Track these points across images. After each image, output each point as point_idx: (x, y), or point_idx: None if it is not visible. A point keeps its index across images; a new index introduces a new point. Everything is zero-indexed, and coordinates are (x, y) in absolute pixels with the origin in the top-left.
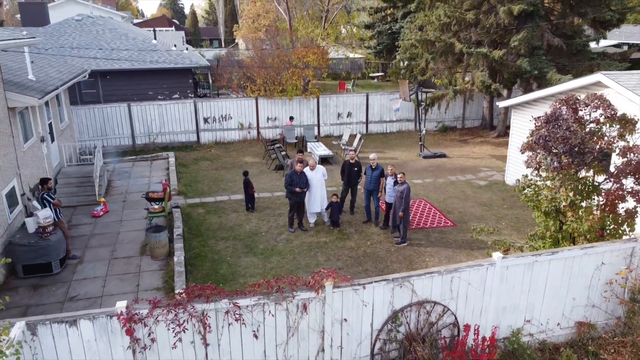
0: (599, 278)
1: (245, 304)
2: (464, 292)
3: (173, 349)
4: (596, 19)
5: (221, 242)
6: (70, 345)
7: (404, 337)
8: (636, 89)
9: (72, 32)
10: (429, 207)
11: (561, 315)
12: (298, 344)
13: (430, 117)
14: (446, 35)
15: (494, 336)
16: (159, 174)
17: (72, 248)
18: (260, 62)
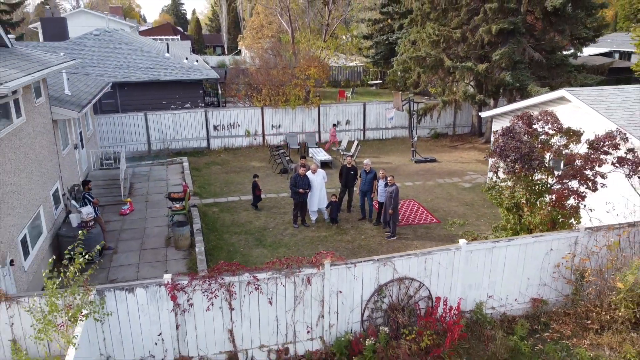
0: (549, 262)
1: (262, 277)
2: (436, 271)
3: (206, 312)
4: (573, 35)
5: (234, 236)
6: (128, 307)
7: (388, 306)
8: (593, 103)
9: (91, 46)
10: (417, 207)
11: (518, 292)
12: (303, 310)
13: (423, 125)
14: (436, 50)
15: (459, 306)
16: (175, 177)
17: (107, 241)
18: (265, 74)
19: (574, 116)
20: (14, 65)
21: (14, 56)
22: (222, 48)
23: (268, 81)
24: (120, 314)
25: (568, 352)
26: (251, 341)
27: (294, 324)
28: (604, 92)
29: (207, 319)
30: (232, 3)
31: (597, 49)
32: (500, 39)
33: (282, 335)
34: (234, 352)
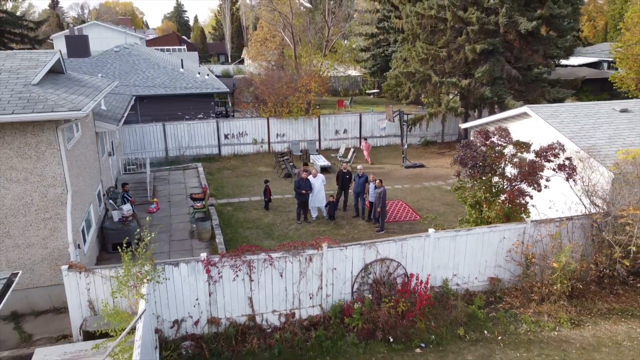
0: (503, 247)
1: (275, 255)
2: (411, 253)
3: (232, 282)
4: (547, 54)
5: (247, 231)
6: (174, 278)
7: (372, 281)
8: (548, 118)
9: (112, 62)
10: (404, 206)
11: (478, 272)
12: (306, 283)
13: (414, 133)
14: (424, 67)
15: (428, 281)
16: (191, 180)
17: None
18: (271, 88)
19: (535, 129)
20: (79, 92)
21: (71, 82)
22: (226, 56)
23: (273, 94)
24: (167, 283)
25: (515, 318)
26: (266, 307)
27: (299, 294)
28: (559, 108)
29: (232, 288)
30: (235, 13)
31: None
32: (482, 57)
33: (289, 303)
34: (253, 315)
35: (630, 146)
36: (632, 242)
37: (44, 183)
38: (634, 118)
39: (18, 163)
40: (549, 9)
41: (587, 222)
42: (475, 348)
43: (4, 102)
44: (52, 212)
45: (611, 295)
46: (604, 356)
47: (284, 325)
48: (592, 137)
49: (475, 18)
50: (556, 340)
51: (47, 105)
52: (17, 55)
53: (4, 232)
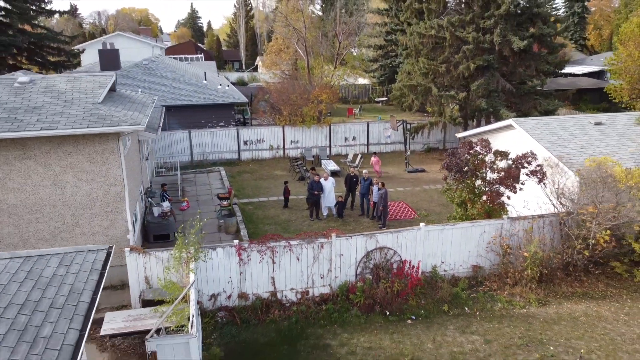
0: (483, 240)
1: (294, 243)
2: (405, 243)
3: (258, 264)
4: (538, 70)
5: (267, 226)
6: (212, 260)
7: (373, 265)
8: (530, 130)
9: (142, 74)
10: (404, 206)
11: (463, 260)
12: (318, 266)
13: (418, 140)
14: (426, 80)
15: (419, 266)
16: (215, 182)
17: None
18: (286, 99)
19: (519, 139)
20: (132, 108)
21: (124, 99)
22: (240, 63)
23: (288, 104)
24: (207, 264)
25: (492, 298)
26: (285, 285)
27: (312, 275)
28: (541, 121)
29: (258, 269)
30: (249, 21)
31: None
32: (478, 72)
33: (304, 282)
34: (274, 292)
35: (599, 155)
36: (591, 236)
37: (107, 183)
38: (606, 130)
39: (87, 166)
40: (540, 28)
41: (556, 220)
42: (456, 320)
43: (80, 118)
44: (113, 207)
45: (575, 281)
46: (562, 328)
47: (300, 300)
48: (567, 146)
49: (472, 38)
50: (524, 316)
51: (113, 121)
52: (82, 78)
53: (74, 222)
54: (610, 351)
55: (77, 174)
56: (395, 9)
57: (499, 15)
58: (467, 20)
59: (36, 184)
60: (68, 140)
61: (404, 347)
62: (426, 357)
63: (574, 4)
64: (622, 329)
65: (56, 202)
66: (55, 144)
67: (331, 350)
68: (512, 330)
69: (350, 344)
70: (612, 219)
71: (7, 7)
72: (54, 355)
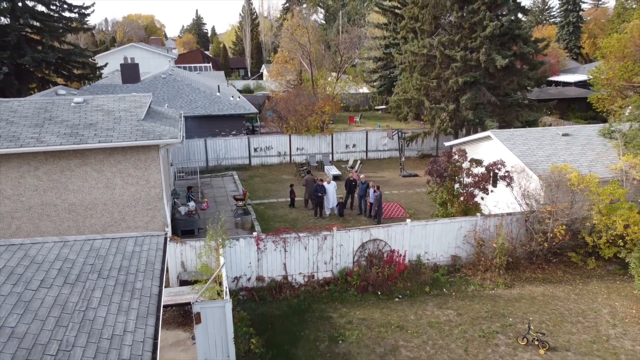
0: (460, 234)
1: (302, 235)
2: (394, 236)
3: (273, 252)
4: (519, 84)
5: (277, 223)
6: (235, 248)
7: (367, 254)
8: (504, 141)
9: (161, 87)
10: (398, 207)
11: (443, 251)
12: (322, 254)
13: (413, 147)
14: (419, 94)
15: (405, 255)
16: (230, 185)
17: (200, 224)
18: (293, 110)
19: (497, 148)
20: (168, 123)
21: (159, 115)
22: (245, 70)
23: (294, 115)
24: (231, 251)
25: (466, 282)
26: (294, 270)
27: (317, 262)
28: (515, 133)
29: (273, 257)
30: (254, 29)
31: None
32: (466, 87)
33: (310, 268)
34: (286, 275)
35: (562, 162)
36: (549, 230)
37: (148, 185)
38: (572, 141)
39: (133, 172)
40: (520, 47)
41: (521, 217)
42: (435, 299)
43: (128, 133)
44: (152, 205)
45: (537, 269)
46: (521, 304)
47: (307, 282)
48: (535, 155)
49: (460, 56)
50: (492, 296)
51: (156, 135)
52: (126, 99)
53: (121, 218)
54: (558, 322)
55: (124, 178)
56: (393, 23)
57: (484, 36)
58: (456, 40)
59: (91, 186)
60: (118, 151)
61: (391, 318)
62: (408, 326)
63: (569, 13)
64: (570, 305)
65: (107, 201)
66: (108, 154)
67: (332, 320)
68: (480, 306)
69: (348, 316)
70: (567, 216)
71: (39, 26)
72: (147, 299)
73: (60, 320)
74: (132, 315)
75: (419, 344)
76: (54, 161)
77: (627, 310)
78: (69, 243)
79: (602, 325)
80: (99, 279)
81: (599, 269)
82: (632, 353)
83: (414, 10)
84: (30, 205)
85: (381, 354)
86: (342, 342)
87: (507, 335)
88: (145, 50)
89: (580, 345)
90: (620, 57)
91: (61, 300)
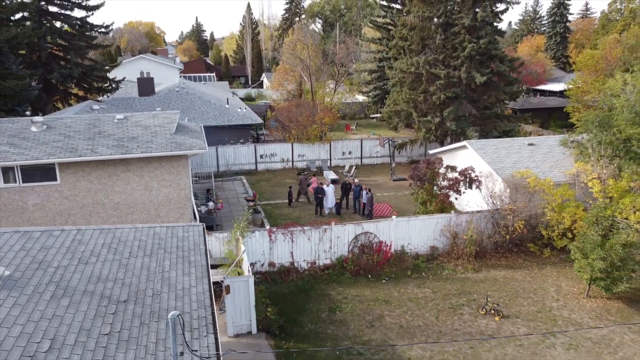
0: (438, 228)
1: (306, 228)
2: (382, 229)
3: (282, 242)
4: (497, 98)
5: (283, 220)
6: (252, 239)
7: (360, 245)
8: (477, 150)
9: (175, 99)
10: (387, 207)
11: (423, 242)
12: (322, 244)
13: (403, 154)
14: (408, 107)
15: (391, 245)
16: (239, 188)
17: (218, 221)
18: (294, 119)
19: (472, 156)
20: (193, 136)
21: (185, 128)
22: (246, 78)
23: (296, 125)
24: (248, 242)
25: (442, 267)
26: (300, 257)
27: (318, 251)
28: (488, 142)
29: (282, 246)
30: (255, 38)
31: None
32: (449, 101)
33: (313, 255)
34: (292, 262)
35: (526, 168)
36: (510, 225)
37: (179, 188)
38: (536, 149)
39: (167, 177)
40: (497, 66)
41: (488, 214)
42: (415, 281)
43: (164, 145)
44: (182, 204)
45: (502, 257)
46: (485, 285)
47: (310, 268)
48: (503, 162)
49: (443, 74)
50: (462, 278)
51: (186, 146)
52: (159, 115)
53: (156, 215)
54: (513, 297)
55: (160, 182)
56: (386, 38)
57: (464, 56)
58: (440, 59)
59: (133, 188)
60: (155, 159)
61: (379, 295)
62: (392, 300)
63: (557, 24)
64: (525, 285)
65: (145, 201)
66: (147, 162)
67: (331, 297)
68: (451, 286)
69: (343, 293)
70: (525, 213)
71: (65, 44)
72: (200, 268)
73: (149, 277)
74: (192, 277)
75: (400, 313)
76: (103, 168)
77: (569, 289)
78: (139, 229)
79: (547, 299)
80: (165, 253)
81: (552, 257)
82: (567, 319)
83: (403, 31)
84: (84, 204)
85: (370, 321)
86: (339, 312)
87: (471, 307)
88: (154, 62)
89: (528, 314)
90: (592, 71)
91: (146, 265)
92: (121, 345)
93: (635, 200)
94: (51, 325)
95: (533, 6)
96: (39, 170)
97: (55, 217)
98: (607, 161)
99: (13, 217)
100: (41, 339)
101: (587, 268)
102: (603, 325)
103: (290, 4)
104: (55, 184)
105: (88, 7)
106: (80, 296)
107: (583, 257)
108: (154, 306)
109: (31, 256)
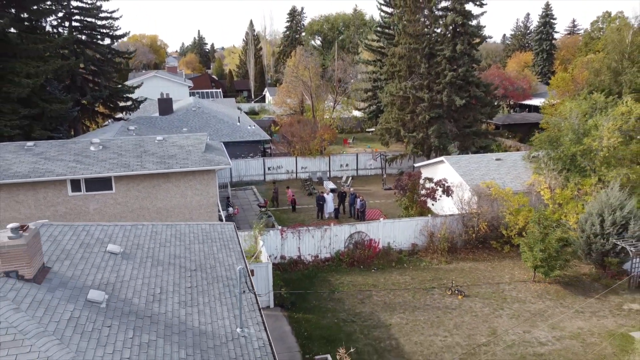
0: (417, 229)
1: (310, 228)
2: (372, 230)
3: (291, 239)
4: (474, 118)
5: (290, 223)
6: (268, 236)
7: (354, 242)
8: (453, 164)
9: (192, 118)
10: (378, 212)
11: (405, 240)
12: (324, 241)
13: (394, 166)
14: (397, 125)
15: (379, 242)
16: (251, 197)
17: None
18: (297, 135)
19: (448, 169)
20: (218, 153)
21: (210, 147)
22: (249, 92)
23: (299, 141)
24: (265, 238)
25: (420, 260)
26: (305, 252)
27: (320, 247)
28: (462, 158)
29: (291, 242)
30: (257, 52)
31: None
32: (433, 120)
33: (316, 250)
34: (299, 255)
35: (492, 179)
36: (476, 225)
37: (208, 195)
38: (502, 164)
39: (199, 187)
40: (474, 91)
41: (459, 217)
42: (398, 270)
43: (197, 161)
44: (210, 209)
45: (470, 252)
46: (454, 273)
47: (313, 260)
48: (473, 174)
49: (427, 97)
50: (436, 269)
51: (215, 162)
52: (190, 137)
53: (190, 217)
54: (474, 282)
55: (193, 191)
56: (380, 60)
57: (445, 82)
58: (425, 84)
59: (171, 196)
60: (190, 173)
61: (368, 280)
62: (379, 284)
63: (543, 42)
64: (485, 274)
65: (181, 206)
66: (183, 175)
67: (331, 282)
68: (427, 274)
69: (340, 279)
70: (488, 216)
71: (96, 70)
72: (238, 252)
73: (205, 256)
74: (233, 257)
75: (385, 294)
76: (149, 180)
77: (520, 276)
78: (192, 225)
79: (502, 284)
80: (212, 242)
81: (511, 252)
82: (515, 298)
83: (393, 60)
84: (133, 208)
85: (361, 299)
86: (337, 293)
87: (441, 290)
88: (166, 80)
89: (485, 295)
90: (563, 92)
91: (202, 249)
92: (199, 293)
93: (576, 206)
94: (156, 280)
95: (524, 22)
96: (98, 181)
97: (110, 220)
98: (556, 174)
99: (78, 219)
100: (154, 287)
101: (531, 258)
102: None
103: (292, 22)
104: (111, 192)
105: (115, 37)
106: (167, 266)
107: (529, 250)
108: (212, 274)
109: (131, 240)
